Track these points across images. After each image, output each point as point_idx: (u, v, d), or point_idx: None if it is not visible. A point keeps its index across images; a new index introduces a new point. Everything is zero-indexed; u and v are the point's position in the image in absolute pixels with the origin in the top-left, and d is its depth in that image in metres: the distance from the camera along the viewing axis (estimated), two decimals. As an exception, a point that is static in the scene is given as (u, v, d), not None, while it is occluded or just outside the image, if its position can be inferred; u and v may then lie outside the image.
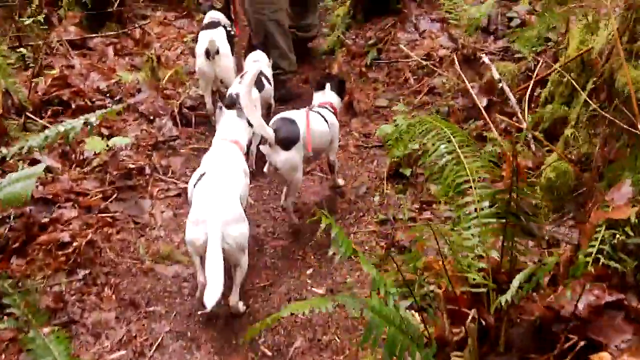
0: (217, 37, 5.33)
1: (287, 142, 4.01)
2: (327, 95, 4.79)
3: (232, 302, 3.44)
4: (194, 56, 6.51)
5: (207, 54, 5.22)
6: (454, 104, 5.40)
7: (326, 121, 4.46)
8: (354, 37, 7.29)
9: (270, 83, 5.44)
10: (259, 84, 5.00)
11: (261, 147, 4.07)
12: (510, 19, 6.31)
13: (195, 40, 6.15)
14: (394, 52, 6.73)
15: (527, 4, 6.32)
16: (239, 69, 5.46)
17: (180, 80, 6.09)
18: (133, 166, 4.71)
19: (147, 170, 4.73)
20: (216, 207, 3.24)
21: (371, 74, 6.64)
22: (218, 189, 3.40)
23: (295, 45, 6.50)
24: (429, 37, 6.60)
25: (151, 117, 5.38)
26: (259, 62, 5.39)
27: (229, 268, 3.29)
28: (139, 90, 5.65)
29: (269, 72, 5.50)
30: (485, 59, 5.46)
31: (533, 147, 4.64)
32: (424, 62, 6.23)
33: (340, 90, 4.95)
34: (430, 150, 3.04)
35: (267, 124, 4.01)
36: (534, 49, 5.84)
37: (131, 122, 5.33)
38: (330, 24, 8.29)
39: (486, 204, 2.83)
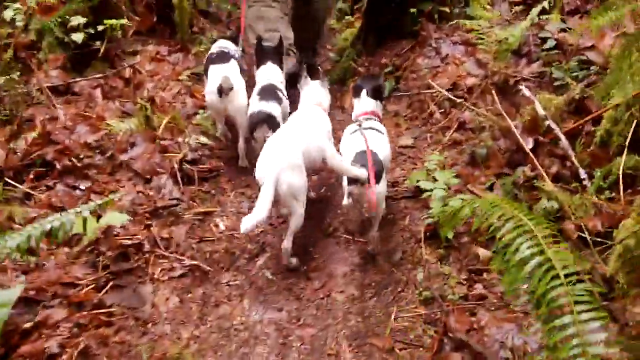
0: (231, 72, 5.08)
1: (376, 175, 3.87)
2: (365, 103, 4.63)
3: (284, 246, 4.01)
4: (191, 96, 5.90)
5: (220, 91, 4.94)
6: (492, 145, 4.74)
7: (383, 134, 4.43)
8: (366, 64, 6.67)
9: (286, 97, 5.24)
10: (277, 99, 4.99)
11: (350, 188, 3.93)
12: (544, 40, 5.66)
13: (202, 74, 5.77)
14: (413, 81, 6.10)
15: (558, 20, 5.63)
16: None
17: (179, 128, 5.43)
18: (130, 242, 4.07)
19: (147, 246, 4.09)
20: (278, 153, 3.93)
21: (390, 107, 6.00)
22: (285, 139, 4.10)
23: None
24: (452, 63, 5.95)
25: (148, 176, 4.74)
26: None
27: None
28: (133, 144, 4.99)
29: (282, 87, 5.30)
30: (525, 90, 4.83)
31: (597, 199, 4.00)
32: (449, 95, 5.56)
33: (377, 94, 4.69)
34: (510, 250, 2.38)
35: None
36: (574, 74, 5.22)
37: (125, 183, 4.68)
38: (337, 48, 7.65)
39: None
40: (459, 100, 5.44)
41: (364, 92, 4.64)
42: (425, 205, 4.50)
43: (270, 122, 4.71)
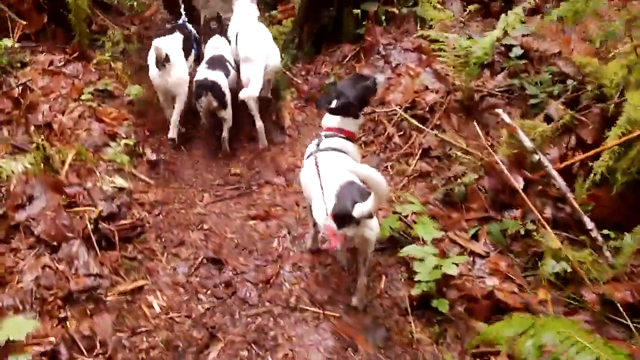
0: (169, 44, 5.11)
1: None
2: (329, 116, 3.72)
3: None
4: (98, 120, 4.88)
5: (157, 63, 4.98)
6: (471, 181, 4.07)
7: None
8: (303, 73, 5.83)
9: (234, 68, 5.41)
10: (225, 70, 5.19)
11: (343, 230, 3.12)
12: (509, 48, 5.04)
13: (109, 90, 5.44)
14: (362, 95, 5.30)
15: (520, 23, 4.95)
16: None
17: (87, 167, 4.41)
18: (40, 348, 3.08)
19: (63, 353, 3.11)
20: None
21: (338, 127, 5.19)
22: None
23: None
24: (406, 75, 5.24)
25: (54, 244, 3.71)
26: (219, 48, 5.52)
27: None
28: (31, 197, 3.94)
29: (231, 58, 5.50)
30: (504, 116, 4.18)
31: (608, 253, 3.43)
32: (408, 116, 4.85)
33: (346, 106, 3.64)
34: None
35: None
36: (549, 89, 4.64)
37: (24, 254, 3.65)
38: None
39: None
40: (420, 126, 4.71)
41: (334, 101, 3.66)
42: (403, 261, 3.80)
43: (215, 90, 4.94)
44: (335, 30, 5.78)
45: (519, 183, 3.86)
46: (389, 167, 4.70)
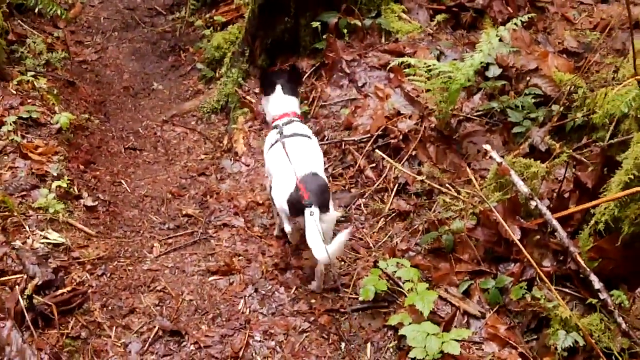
0: None
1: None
2: (282, 101, 3.98)
3: None
4: (23, 156, 4.33)
5: None
6: (460, 229, 3.75)
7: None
8: (256, 90, 5.35)
9: None
10: None
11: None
12: (486, 66, 4.72)
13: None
14: (325, 119, 4.95)
15: (495, 37, 4.57)
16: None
17: (14, 221, 3.85)
18: None
19: None
20: None
21: (300, 156, 4.78)
22: None
23: None
24: (374, 96, 4.88)
25: (-21, 327, 3.18)
26: None
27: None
28: (-56, 266, 3.39)
29: None
30: (494, 154, 3.85)
31: (620, 319, 3.19)
32: (380, 152, 4.51)
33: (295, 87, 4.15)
34: None
35: None
36: (532, 115, 4.38)
37: (-59, 342, 3.11)
38: (206, 59, 6.22)
39: None
40: (391, 161, 4.37)
41: (278, 87, 3.94)
42: (389, 326, 3.46)
43: None
44: (291, 42, 5.33)
45: (515, 234, 3.55)
46: (362, 205, 4.33)
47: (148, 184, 4.86)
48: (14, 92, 5.05)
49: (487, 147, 3.95)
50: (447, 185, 4.12)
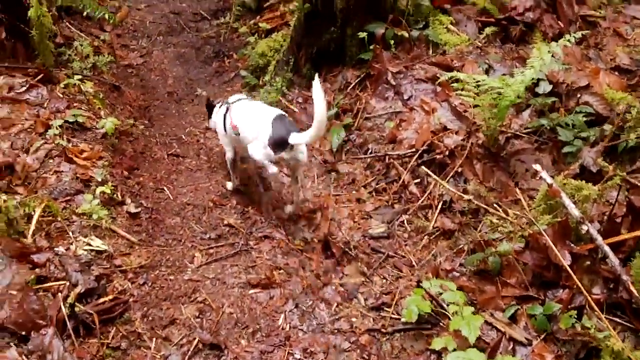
0: None
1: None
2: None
3: None
4: (68, 160, 4.35)
5: None
6: (508, 251, 3.65)
7: None
8: (300, 100, 5.33)
9: None
10: None
11: (279, 155, 4.06)
12: (536, 82, 4.61)
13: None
14: (370, 131, 4.90)
15: (546, 52, 4.45)
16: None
17: (57, 226, 3.87)
18: None
19: None
20: None
21: (343, 167, 4.76)
22: None
23: None
24: (420, 109, 4.79)
25: (22, 333, 3.19)
26: None
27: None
28: (-10, 274, 3.41)
29: None
30: (544, 174, 3.74)
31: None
32: (419, 163, 4.44)
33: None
34: None
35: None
36: (583, 134, 4.26)
37: (-12, 348, 3.13)
38: (250, 65, 6.21)
39: None
40: (436, 178, 4.29)
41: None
42: (432, 350, 3.38)
43: None
44: (337, 51, 5.28)
45: (565, 259, 3.44)
46: (405, 222, 4.26)
47: (190, 191, 4.85)
48: (61, 95, 5.09)
49: (537, 167, 3.85)
50: (494, 204, 4.02)
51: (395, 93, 4.96)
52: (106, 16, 5.69)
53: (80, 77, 5.13)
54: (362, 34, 5.03)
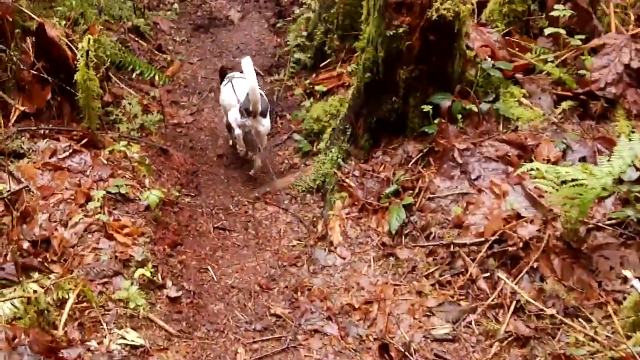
0: None
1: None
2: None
3: None
4: (108, 237, 4.07)
5: None
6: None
7: None
8: (356, 172, 4.98)
9: None
10: None
11: (243, 120, 5.28)
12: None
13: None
14: (432, 213, 4.47)
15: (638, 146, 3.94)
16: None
17: (92, 316, 3.55)
18: None
19: None
20: None
21: (402, 253, 4.35)
22: None
23: None
24: (490, 191, 4.38)
25: None
26: None
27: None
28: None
29: None
30: (635, 282, 3.27)
31: None
32: (489, 254, 4.00)
33: None
34: None
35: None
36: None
37: None
38: (304, 130, 5.90)
39: None
40: (507, 281, 3.84)
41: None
42: None
43: None
44: (398, 122, 4.92)
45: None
46: (472, 322, 3.81)
47: (236, 271, 4.51)
48: (105, 161, 4.84)
49: (628, 273, 3.40)
50: (574, 306, 3.56)
51: (461, 172, 4.56)
52: (157, 77, 5.48)
53: (125, 143, 4.88)
54: (427, 108, 4.65)
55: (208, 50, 7.71)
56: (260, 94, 5.22)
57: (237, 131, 5.34)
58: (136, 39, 7.14)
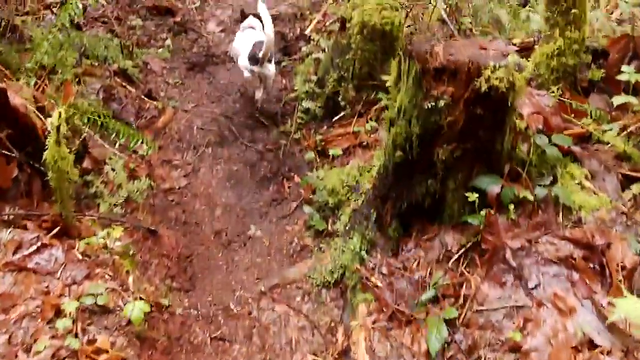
0: None
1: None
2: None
3: None
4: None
5: None
6: None
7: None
8: (384, 269, 4.15)
9: None
10: None
11: (252, 67, 6.03)
12: None
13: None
14: (481, 330, 3.63)
15: None
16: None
17: None
18: None
19: None
20: None
21: (445, 384, 3.51)
22: None
23: None
24: (552, 306, 3.56)
25: None
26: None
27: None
28: None
29: None
30: None
31: None
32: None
33: None
34: None
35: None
36: None
37: None
38: (316, 204, 5.08)
39: None
40: None
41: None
42: None
43: None
44: (433, 208, 4.10)
45: None
46: None
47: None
48: (80, 256, 4.01)
49: None
50: None
51: (515, 277, 3.74)
52: (144, 146, 4.67)
53: (104, 233, 4.06)
54: (472, 196, 3.83)
55: (205, 94, 6.87)
56: (261, 42, 5.85)
57: (246, 74, 6.13)
58: (123, 84, 6.32)
